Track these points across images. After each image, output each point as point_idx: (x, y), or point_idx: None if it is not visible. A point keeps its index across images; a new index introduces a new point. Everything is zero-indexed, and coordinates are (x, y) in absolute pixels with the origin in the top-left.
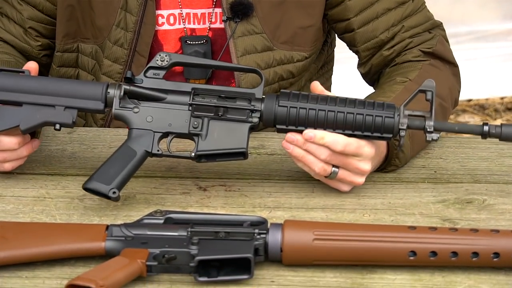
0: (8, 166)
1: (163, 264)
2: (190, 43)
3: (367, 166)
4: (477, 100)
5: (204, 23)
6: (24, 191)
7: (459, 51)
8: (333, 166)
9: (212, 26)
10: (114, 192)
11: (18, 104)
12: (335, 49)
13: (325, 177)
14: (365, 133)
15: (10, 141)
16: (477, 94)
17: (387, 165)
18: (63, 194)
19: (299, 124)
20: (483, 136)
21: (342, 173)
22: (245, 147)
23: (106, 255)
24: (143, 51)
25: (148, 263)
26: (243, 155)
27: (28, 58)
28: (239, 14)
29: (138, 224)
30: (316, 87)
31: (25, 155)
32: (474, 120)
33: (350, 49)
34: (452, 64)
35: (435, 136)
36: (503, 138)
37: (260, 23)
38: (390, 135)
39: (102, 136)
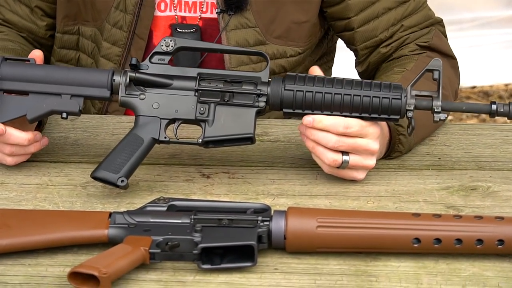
0: (11, 161)
1: (166, 251)
2: (180, 31)
3: (375, 145)
4: (482, 87)
5: (195, 11)
6: (26, 178)
7: (463, 38)
8: (343, 154)
9: (203, 15)
10: (122, 181)
11: (25, 93)
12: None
13: (337, 168)
14: (372, 115)
15: (20, 136)
16: (481, 81)
17: (391, 152)
18: (66, 181)
19: (306, 107)
20: (491, 115)
21: (353, 159)
22: (252, 132)
23: (109, 243)
24: (142, 34)
25: (151, 250)
26: (250, 140)
27: (35, 39)
28: (233, 7)
29: (141, 211)
30: (315, 71)
31: (32, 152)
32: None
33: (348, 47)
34: (450, 57)
35: (442, 116)
36: (511, 116)
37: (253, 17)
38: (398, 116)
39: (105, 124)
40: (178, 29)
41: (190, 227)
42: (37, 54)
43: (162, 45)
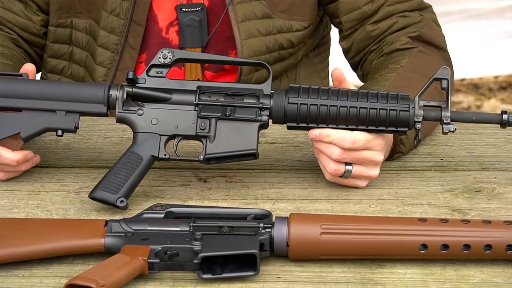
0: (2, 176)
1: (165, 261)
2: (185, 11)
3: (380, 157)
4: (471, 79)
5: None
6: (17, 184)
7: (451, 30)
8: (346, 164)
9: None
10: (122, 201)
11: (18, 110)
12: (334, 32)
13: (340, 177)
14: (380, 128)
15: (10, 157)
16: (470, 73)
17: (393, 153)
18: (58, 187)
19: (310, 121)
20: (502, 125)
21: (356, 169)
22: (255, 148)
23: (106, 252)
24: (140, 20)
25: (149, 260)
26: (253, 156)
27: (28, 38)
28: None
29: (138, 219)
30: (336, 72)
31: (22, 170)
32: (468, 99)
33: (333, 22)
34: (441, 50)
35: (452, 127)
36: None
37: None
38: (406, 129)
39: (97, 126)
40: (183, 8)
41: (189, 235)
42: (29, 68)
43: (159, 57)
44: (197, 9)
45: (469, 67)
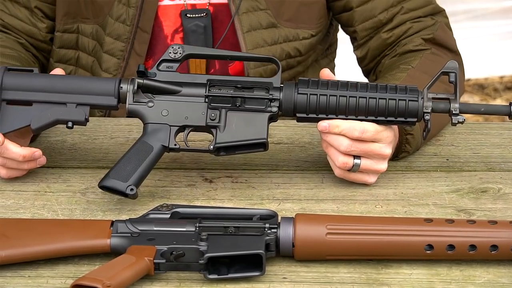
0: (4, 173)
1: (171, 261)
2: (190, 17)
3: (388, 150)
4: (476, 79)
5: None
6: (24, 185)
7: (457, 30)
8: (355, 158)
9: (212, 1)
10: (131, 189)
11: (28, 103)
12: (342, 32)
13: (348, 171)
14: (389, 118)
15: (17, 151)
16: (476, 73)
17: (399, 152)
18: (64, 187)
19: (320, 112)
20: (510, 116)
21: (364, 163)
22: (265, 137)
23: (112, 253)
24: (146, 27)
25: (155, 260)
26: (263, 145)
27: (34, 44)
28: None
29: (144, 219)
30: (323, 72)
31: (26, 169)
32: (473, 99)
33: (345, 30)
34: (454, 53)
35: (461, 118)
36: None
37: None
38: (415, 119)
39: (103, 126)
40: (188, 14)
41: (195, 235)
42: (58, 72)
43: (170, 52)
44: (202, 15)
45: (475, 68)
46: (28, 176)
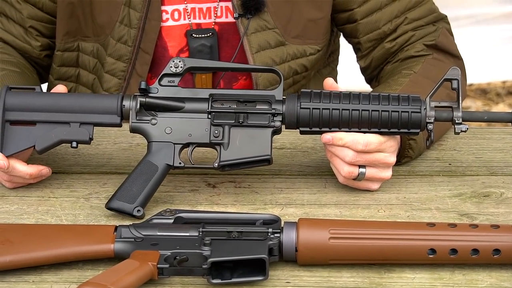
0: (9, 185)
1: (174, 266)
2: (196, 37)
3: (393, 159)
4: (479, 84)
5: (209, 17)
6: (27, 190)
7: (459, 35)
8: (360, 167)
9: (218, 20)
10: (138, 211)
11: (32, 123)
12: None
13: (353, 179)
14: (392, 130)
15: (24, 170)
16: (478, 78)
17: (401, 157)
18: (68, 193)
19: (323, 125)
20: None
21: (369, 172)
22: (270, 153)
23: (115, 258)
24: (147, 48)
25: (159, 265)
26: (268, 161)
27: (29, 59)
28: (252, 10)
29: (147, 224)
30: (327, 82)
31: (31, 183)
32: (475, 104)
33: (349, 41)
34: (456, 58)
35: (463, 127)
36: None
37: (272, 18)
38: (418, 130)
39: (106, 132)
40: (193, 34)
41: (198, 240)
42: (60, 89)
43: (171, 66)
44: (208, 34)
45: (477, 72)
46: None
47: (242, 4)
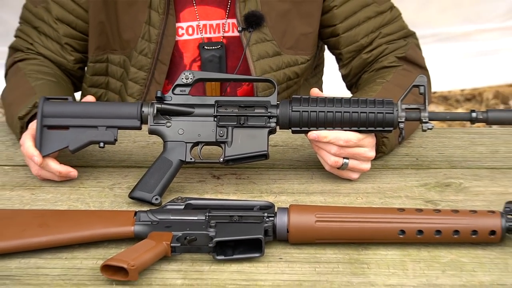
0: (39, 178)
1: (185, 245)
2: (207, 48)
3: (372, 153)
4: (441, 92)
5: (218, 32)
6: (61, 182)
7: (425, 51)
8: (344, 158)
9: (226, 34)
10: (156, 199)
11: (65, 127)
12: (328, 52)
13: (338, 168)
14: (369, 128)
15: (55, 168)
16: (440, 87)
17: (376, 153)
18: (95, 184)
19: (311, 125)
20: (472, 121)
21: (352, 163)
22: (266, 149)
23: (135, 238)
24: (164, 59)
25: (172, 244)
26: (265, 156)
27: (65, 71)
28: (253, 25)
29: (162, 210)
30: (313, 91)
31: (57, 180)
32: (438, 109)
33: (332, 52)
34: (423, 69)
35: (430, 125)
36: (490, 122)
37: (270, 32)
38: (391, 128)
39: (127, 132)
40: (205, 47)
41: (205, 223)
42: (89, 99)
43: (182, 78)
44: (218, 47)
45: (440, 82)
46: None
47: (245, 20)
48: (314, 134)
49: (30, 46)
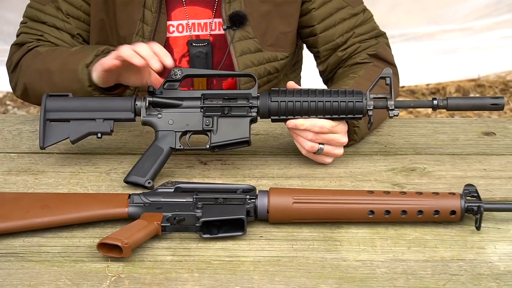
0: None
1: (174, 225)
2: (195, 45)
3: (345, 139)
4: (409, 86)
5: (206, 30)
6: (62, 167)
7: (394, 49)
8: (320, 143)
9: (212, 32)
10: (149, 182)
11: (66, 120)
12: (306, 51)
13: (314, 153)
14: (341, 116)
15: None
16: (408, 81)
17: (348, 140)
18: (93, 169)
19: (289, 114)
20: (433, 108)
21: (327, 148)
22: (248, 136)
23: (129, 218)
24: None
25: (162, 224)
26: (247, 142)
27: None
28: (237, 24)
29: (154, 192)
30: (289, 84)
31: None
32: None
33: (310, 50)
34: (392, 65)
35: (396, 112)
36: (449, 108)
37: (252, 30)
38: (361, 115)
39: (122, 123)
40: (193, 43)
41: (193, 205)
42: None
43: (172, 74)
44: (204, 44)
45: (407, 77)
46: (65, 160)
47: (229, 19)
48: (292, 122)
49: (40, 37)
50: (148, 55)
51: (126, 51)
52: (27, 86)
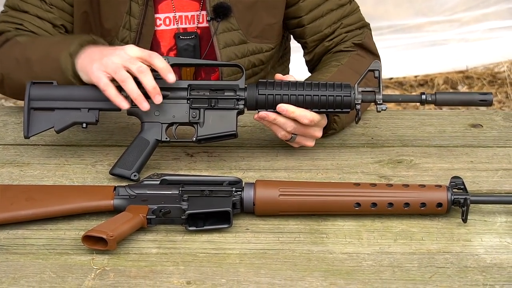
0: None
1: (160, 217)
2: (182, 38)
3: (319, 133)
4: (397, 78)
5: (193, 23)
6: (47, 159)
7: (382, 41)
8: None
9: (200, 25)
10: (135, 175)
11: (51, 109)
12: (294, 43)
13: (286, 140)
14: (329, 110)
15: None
16: (396, 73)
17: (328, 129)
18: (79, 161)
19: (276, 107)
20: (421, 103)
21: (298, 138)
22: (235, 129)
23: (114, 211)
24: (144, 47)
25: (148, 216)
26: (234, 135)
27: None
28: (221, 15)
29: (139, 185)
30: (277, 76)
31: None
32: (395, 94)
33: (297, 41)
34: (375, 55)
35: (384, 106)
36: (438, 103)
37: (236, 22)
38: (349, 109)
39: (107, 114)
40: (181, 36)
41: (178, 197)
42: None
43: None
44: (192, 36)
45: (396, 69)
46: (51, 152)
47: (213, 11)
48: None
49: (20, 26)
50: (136, 96)
51: (112, 91)
52: (4, 76)
